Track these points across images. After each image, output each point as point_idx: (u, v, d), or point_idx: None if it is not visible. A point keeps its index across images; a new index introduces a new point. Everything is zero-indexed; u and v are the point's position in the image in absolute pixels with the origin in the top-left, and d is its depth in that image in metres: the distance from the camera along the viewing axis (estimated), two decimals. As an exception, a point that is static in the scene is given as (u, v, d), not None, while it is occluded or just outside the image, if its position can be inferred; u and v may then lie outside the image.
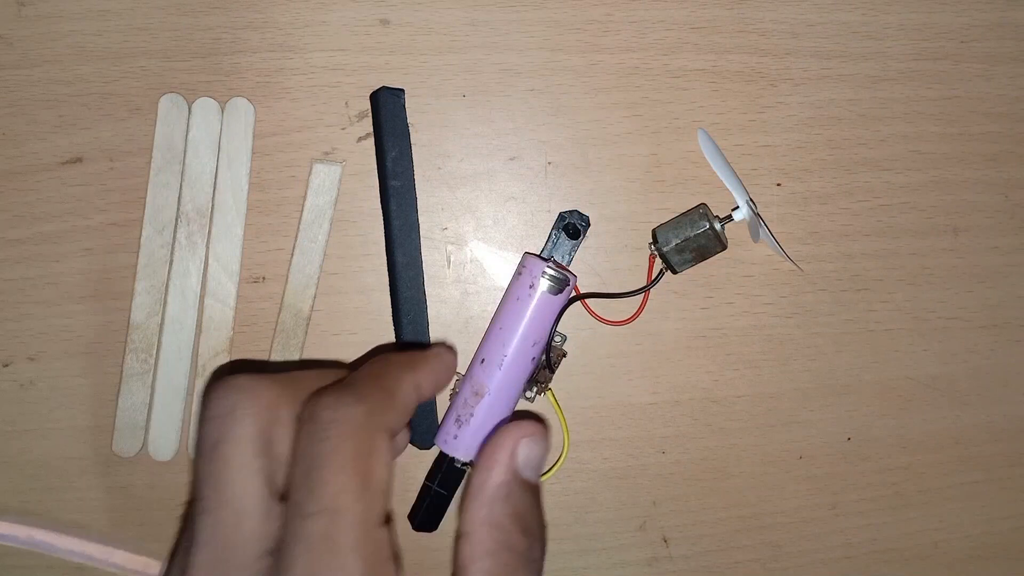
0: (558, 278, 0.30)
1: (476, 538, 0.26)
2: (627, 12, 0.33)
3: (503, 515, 0.26)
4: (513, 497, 0.26)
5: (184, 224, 0.32)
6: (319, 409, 0.24)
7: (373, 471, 0.23)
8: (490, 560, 0.25)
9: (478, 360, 0.31)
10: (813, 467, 0.35)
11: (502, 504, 0.26)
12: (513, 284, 0.31)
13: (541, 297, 0.30)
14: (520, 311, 0.30)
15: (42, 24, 0.32)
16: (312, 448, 0.23)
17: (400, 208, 0.32)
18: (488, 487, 0.26)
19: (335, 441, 0.23)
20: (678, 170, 0.33)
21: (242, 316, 0.33)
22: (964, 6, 0.34)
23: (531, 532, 0.26)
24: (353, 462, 0.23)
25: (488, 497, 0.26)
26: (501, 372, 0.30)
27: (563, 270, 0.31)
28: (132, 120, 0.32)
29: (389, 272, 0.33)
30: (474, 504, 0.26)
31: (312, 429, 0.24)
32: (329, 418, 0.24)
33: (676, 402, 0.34)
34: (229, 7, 0.32)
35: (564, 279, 0.31)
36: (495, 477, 0.26)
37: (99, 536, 0.34)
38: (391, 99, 0.32)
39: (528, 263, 0.31)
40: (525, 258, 0.31)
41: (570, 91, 0.33)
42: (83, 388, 0.33)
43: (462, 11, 0.33)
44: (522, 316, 0.30)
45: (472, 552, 0.26)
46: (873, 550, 0.36)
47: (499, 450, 0.26)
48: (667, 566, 0.35)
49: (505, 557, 0.26)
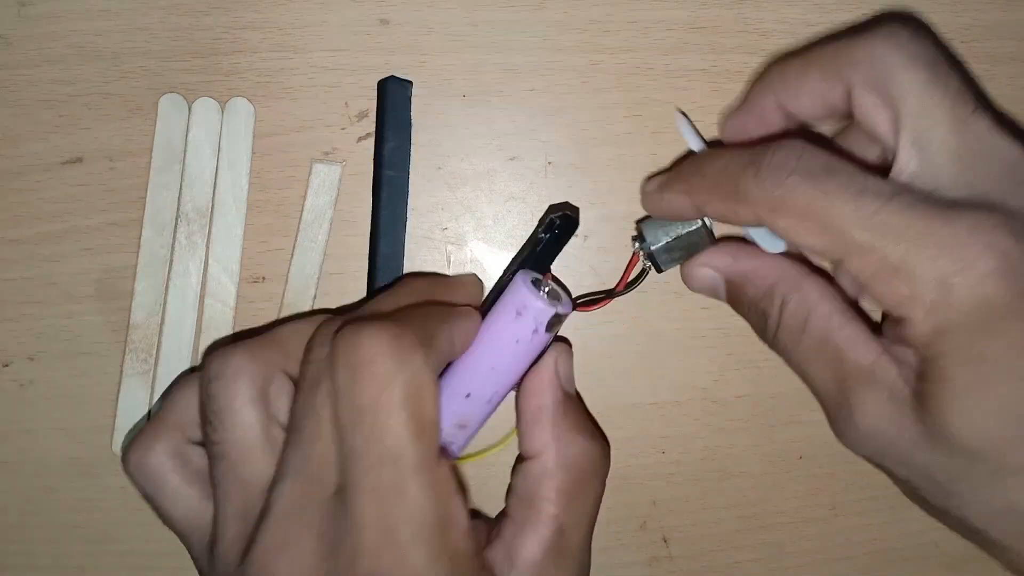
0: (563, 317, 0.27)
1: (546, 456, 0.27)
2: (627, 12, 0.33)
3: (566, 429, 0.27)
4: (569, 410, 0.28)
5: (184, 224, 0.32)
6: (361, 341, 0.23)
7: (426, 410, 0.23)
8: (563, 473, 0.27)
9: (461, 393, 0.27)
10: (813, 467, 0.35)
11: (563, 419, 0.27)
12: (509, 322, 0.27)
13: (544, 338, 0.27)
14: (519, 355, 0.27)
15: (42, 24, 0.32)
16: (361, 387, 0.22)
17: (390, 198, 0.32)
18: (545, 408, 0.27)
19: (385, 379, 0.22)
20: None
21: (242, 316, 0.33)
22: (964, 6, 0.34)
23: (595, 433, 0.28)
24: (407, 403, 0.22)
25: (548, 417, 0.27)
26: (490, 408, 0.28)
27: (565, 298, 0.28)
28: (132, 120, 0.32)
29: (369, 260, 0.33)
30: (536, 426, 0.27)
31: (354, 363, 0.23)
32: (373, 353, 0.22)
33: (676, 402, 0.34)
34: (229, 7, 0.32)
35: (567, 313, 0.28)
36: (548, 397, 0.27)
37: (99, 536, 0.33)
38: (398, 89, 0.32)
39: (530, 305, 0.26)
40: (525, 297, 0.27)
41: (570, 91, 0.33)
42: (83, 388, 0.33)
43: (462, 11, 0.33)
44: (521, 361, 0.27)
45: (544, 470, 0.27)
46: (873, 550, 0.36)
47: (545, 373, 0.28)
48: (667, 566, 0.35)
49: (577, 468, 0.27)
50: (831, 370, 0.25)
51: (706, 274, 0.29)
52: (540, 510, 0.26)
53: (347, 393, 0.23)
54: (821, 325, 0.26)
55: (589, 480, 0.27)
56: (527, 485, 0.27)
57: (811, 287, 0.26)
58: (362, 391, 0.22)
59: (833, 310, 0.26)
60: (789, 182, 0.24)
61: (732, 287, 0.29)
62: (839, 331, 0.25)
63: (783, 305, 0.27)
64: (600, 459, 0.28)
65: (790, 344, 0.27)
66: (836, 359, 0.25)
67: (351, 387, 0.22)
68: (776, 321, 0.27)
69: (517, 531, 0.26)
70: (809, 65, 0.27)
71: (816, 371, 0.26)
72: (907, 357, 0.24)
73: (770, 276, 0.27)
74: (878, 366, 0.25)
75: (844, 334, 0.25)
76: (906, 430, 0.24)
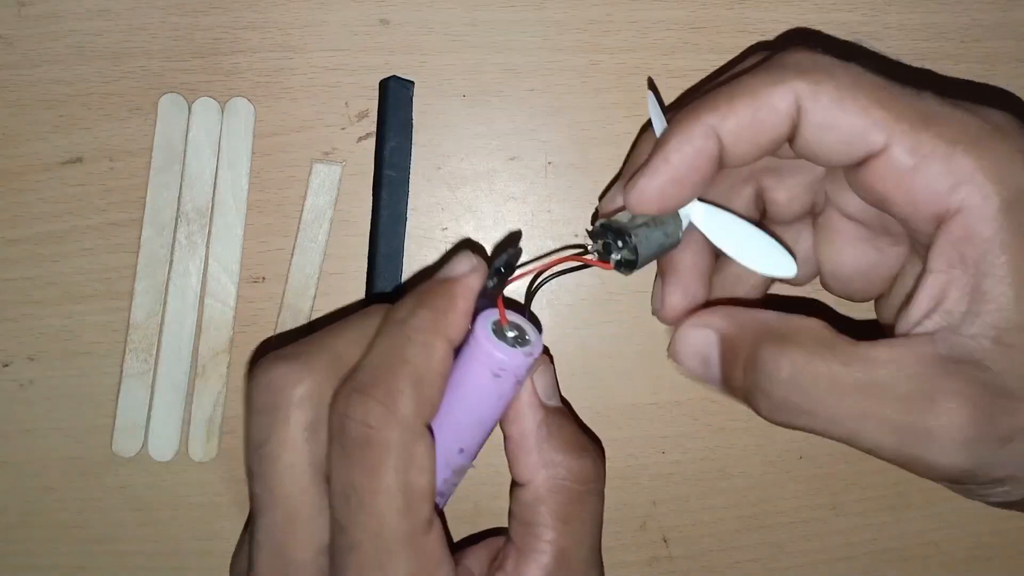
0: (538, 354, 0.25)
1: (536, 482, 0.26)
2: (627, 12, 0.33)
3: (553, 451, 0.26)
4: (553, 429, 0.26)
5: (184, 224, 0.32)
6: (348, 416, 0.22)
7: (414, 483, 0.22)
8: (555, 496, 0.26)
9: (454, 448, 0.25)
10: (813, 467, 0.35)
11: (548, 441, 0.26)
12: (488, 383, 0.24)
13: (525, 378, 0.26)
14: (504, 402, 0.25)
15: (42, 24, 0.32)
16: (346, 464, 0.22)
17: (391, 198, 0.32)
18: (528, 433, 0.26)
19: (371, 459, 0.22)
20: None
21: (242, 316, 0.33)
22: (964, 6, 0.34)
23: (583, 449, 0.27)
24: (392, 479, 0.22)
25: (532, 442, 0.26)
26: (480, 446, 0.26)
27: (530, 330, 0.25)
28: (132, 120, 0.32)
29: (368, 261, 0.33)
30: (522, 453, 0.26)
31: (343, 441, 0.22)
32: (361, 431, 0.22)
33: (676, 402, 0.34)
34: (229, 7, 0.32)
35: (541, 349, 0.25)
36: (529, 421, 0.26)
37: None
38: (399, 89, 0.32)
39: (508, 366, 0.24)
40: (499, 361, 0.24)
41: (570, 91, 0.33)
42: (83, 388, 0.33)
43: (462, 11, 0.33)
44: (506, 405, 0.26)
45: (536, 495, 0.26)
46: (873, 550, 0.36)
47: (524, 397, 0.26)
48: (667, 566, 0.35)
49: (569, 489, 0.26)
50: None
51: (698, 336, 0.25)
52: (538, 536, 0.25)
53: (340, 468, 0.22)
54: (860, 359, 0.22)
55: (584, 497, 0.26)
56: (522, 512, 0.26)
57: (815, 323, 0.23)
58: (353, 470, 0.22)
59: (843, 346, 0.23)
60: (823, 59, 0.23)
61: (729, 346, 0.24)
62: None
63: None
64: (593, 473, 0.26)
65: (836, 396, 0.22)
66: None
67: (343, 463, 0.22)
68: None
69: (519, 560, 0.25)
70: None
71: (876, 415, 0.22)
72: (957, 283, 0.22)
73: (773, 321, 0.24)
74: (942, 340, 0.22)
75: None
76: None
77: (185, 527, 0.34)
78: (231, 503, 0.34)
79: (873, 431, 0.22)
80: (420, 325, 0.23)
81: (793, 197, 0.27)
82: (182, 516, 0.33)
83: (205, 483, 0.33)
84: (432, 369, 0.23)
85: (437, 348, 0.23)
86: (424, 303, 0.24)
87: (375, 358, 0.24)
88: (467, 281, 0.24)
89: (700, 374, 0.25)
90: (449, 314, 0.24)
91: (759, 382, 0.23)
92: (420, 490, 0.23)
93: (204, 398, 0.33)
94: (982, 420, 0.21)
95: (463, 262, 0.25)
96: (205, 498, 0.33)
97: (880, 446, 0.22)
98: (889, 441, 0.22)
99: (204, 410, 0.33)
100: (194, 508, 0.33)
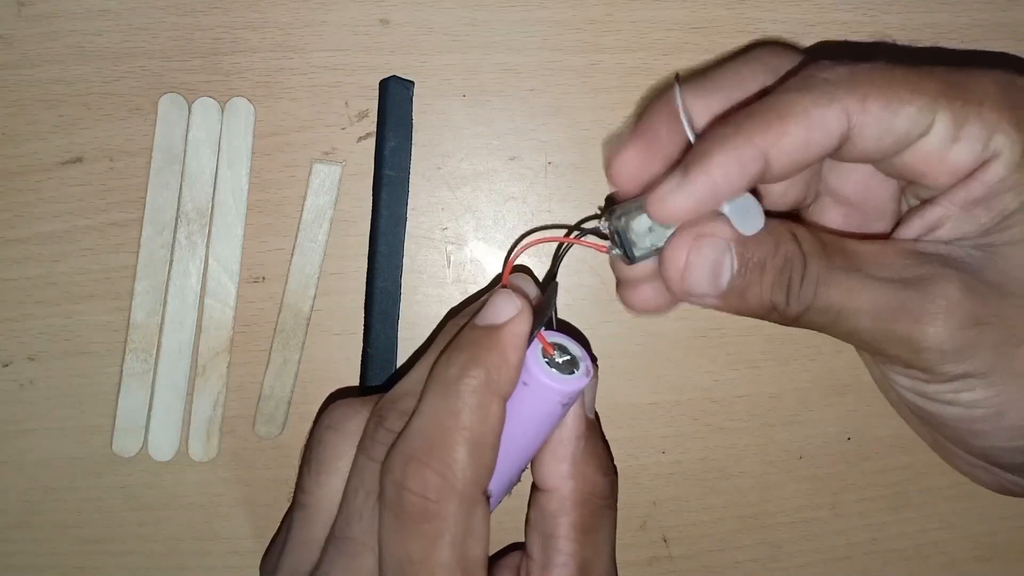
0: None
1: (563, 492, 0.26)
2: (627, 12, 0.33)
3: (585, 465, 0.26)
4: (589, 443, 0.26)
5: (184, 224, 0.32)
6: (405, 488, 0.22)
7: (470, 554, 0.22)
8: (578, 511, 0.26)
9: (513, 471, 0.25)
10: (813, 467, 0.35)
11: (583, 454, 0.26)
12: (552, 409, 0.24)
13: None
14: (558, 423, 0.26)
15: (42, 24, 0.32)
16: (402, 536, 0.22)
17: (390, 198, 0.32)
18: (566, 442, 0.26)
19: (429, 532, 0.22)
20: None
21: (242, 316, 0.33)
22: (964, 6, 0.34)
23: (610, 466, 0.27)
24: (449, 553, 0.22)
25: (568, 452, 0.26)
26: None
27: (575, 348, 0.25)
28: (132, 120, 0.32)
29: (368, 260, 0.33)
30: (554, 461, 0.26)
31: (399, 512, 0.22)
32: (418, 504, 0.22)
33: (676, 402, 0.34)
34: (229, 7, 0.32)
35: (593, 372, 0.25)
36: (570, 431, 0.26)
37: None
38: (399, 89, 0.32)
39: (575, 388, 0.24)
40: (560, 394, 0.24)
41: (570, 91, 0.33)
42: (83, 388, 0.33)
43: (462, 11, 0.33)
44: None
45: (561, 506, 0.26)
46: (873, 550, 0.36)
47: (573, 408, 0.26)
48: (667, 566, 0.35)
49: (592, 503, 0.26)
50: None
51: (712, 246, 0.23)
52: (560, 550, 0.25)
53: (395, 538, 0.22)
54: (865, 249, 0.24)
55: (604, 512, 0.26)
56: (544, 522, 0.26)
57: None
58: (410, 542, 0.22)
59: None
60: (858, 69, 0.24)
61: (745, 258, 0.24)
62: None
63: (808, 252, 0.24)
64: (613, 489, 0.27)
65: (836, 290, 0.23)
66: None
67: (399, 534, 0.22)
68: (802, 276, 0.23)
69: (542, 574, 0.26)
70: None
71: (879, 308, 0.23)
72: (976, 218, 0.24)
73: (774, 220, 0.24)
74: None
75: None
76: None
77: (185, 527, 0.34)
78: (231, 503, 0.34)
79: (854, 310, 0.23)
80: (473, 385, 0.23)
81: (788, 188, 0.27)
82: (182, 516, 0.33)
83: (205, 483, 0.33)
84: (488, 433, 0.23)
85: (493, 410, 0.23)
86: (475, 360, 0.23)
87: (429, 423, 0.23)
88: (515, 329, 0.23)
89: (704, 290, 0.24)
90: (503, 370, 0.23)
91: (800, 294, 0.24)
92: (475, 560, 0.23)
93: (204, 398, 0.33)
94: (956, 294, 0.23)
95: (507, 305, 0.24)
96: (205, 498, 0.33)
97: (858, 327, 0.23)
98: (867, 320, 0.23)
99: (204, 410, 0.33)
100: (194, 508, 0.33)
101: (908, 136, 0.23)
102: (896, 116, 0.23)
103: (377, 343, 0.33)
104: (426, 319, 0.33)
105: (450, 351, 0.24)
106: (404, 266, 0.33)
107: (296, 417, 0.33)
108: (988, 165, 0.23)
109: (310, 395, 0.33)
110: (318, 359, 0.33)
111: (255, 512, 0.34)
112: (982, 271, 0.23)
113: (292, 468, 0.33)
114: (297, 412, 0.33)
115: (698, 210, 0.23)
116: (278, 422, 0.33)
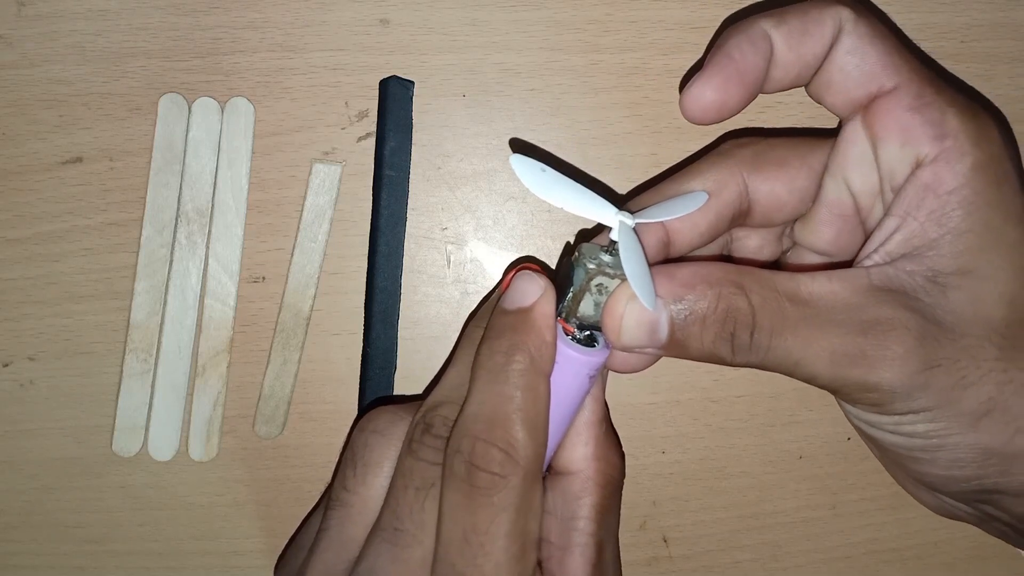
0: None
1: (587, 474, 0.26)
2: (627, 12, 0.33)
3: (607, 447, 0.27)
4: (608, 426, 0.27)
5: (184, 224, 0.32)
6: (475, 464, 0.23)
7: (530, 529, 0.24)
8: (600, 492, 0.26)
9: (550, 448, 0.25)
10: (813, 467, 0.35)
11: (604, 436, 0.27)
12: (582, 382, 0.25)
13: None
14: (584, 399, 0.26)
15: (42, 24, 0.32)
16: (469, 509, 0.23)
17: (390, 198, 0.32)
18: (590, 425, 0.27)
19: (497, 504, 0.23)
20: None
21: (242, 316, 0.33)
22: (964, 6, 0.34)
23: (619, 445, 0.28)
24: (514, 525, 0.23)
25: (591, 434, 0.27)
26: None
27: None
28: (132, 120, 0.32)
29: (368, 260, 0.33)
30: (579, 442, 0.27)
31: (466, 488, 0.23)
32: (487, 479, 0.23)
33: (676, 402, 0.34)
34: (229, 7, 0.32)
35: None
36: (591, 413, 0.27)
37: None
38: (399, 89, 0.32)
39: (600, 359, 0.25)
40: (586, 364, 0.25)
41: (570, 91, 0.33)
42: (83, 388, 0.33)
43: (462, 11, 0.33)
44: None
45: (584, 487, 0.26)
46: (873, 550, 0.36)
47: (595, 389, 0.27)
48: (667, 566, 0.35)
49: (612, 484, 0.27)
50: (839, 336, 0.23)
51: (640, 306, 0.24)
52: (582, 530, 0.26)
53: (461, 511, 0.23)
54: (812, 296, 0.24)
55: (618, 493, 0.27)
56: (565, 505, 0.26)
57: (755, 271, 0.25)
58: (478, 514, 0.23)
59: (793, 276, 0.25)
60: (861, 6, 0.25)
61: (682, 314, 0.24)
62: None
63: (751, 299, 0.24)
64: (623, 471, 0.28)
65: (778, 338, 0.24)
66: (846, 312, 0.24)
67: (467, 507, 0.23)
68: (751, 320, 0.24)
69: (563, 556, 0.26)
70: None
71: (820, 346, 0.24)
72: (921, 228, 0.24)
73: (718, 272, 0.24)
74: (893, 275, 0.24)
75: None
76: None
77: (185, 527, 0.34)
78: (231, 503, 0.34)
79: (812, 358, 0.23)
80: (520, 369, 0.24)
81: (763, 244, 0.29)
82: (182, 516, 0.33)
83: (205, 483, 0.33)
84: (541, 412, 0.24)
85: (541, 390, 0.24)
86: (517, 345, 0.24)
87: (487, 409, 0.24)
88: (544, 309, 0.25)
89: (643, 343, 0.25)
90: (542, 349, 0.24)
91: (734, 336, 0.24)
92: (533, 535, 0.24)
93: (204, 398, 0.33)
94: (911, 342, 0.23)
95: (532, 286, 0.25)
96: (205, 498, 0.33)
97: (816, 373, 0.24)
98: (823, 366, 0.23)
99: (204, 410, 0.33)
100: (194, 508, 0.33)
101: (872, 78, 0.25)
102: (872, 47, 0.25)
103: (377, 343, 0.33)
104: (426, 319, 0.33)
105: (489, 340, 0.25)
106: (404, 266, 0.33)
107: (296, 417, 0.33)
108: (932, 165, 0.24)
109: (310, 395, 0.33)
110: (318, 359, 0.33)
111: (255, 512, 0.34)
112: (935, 308, 0.24)
113: (292, 468, 0.34)
114: (297, 412, 0.33)
115: (727, 87, 0.25)
116: (278, 422, 0.33)
